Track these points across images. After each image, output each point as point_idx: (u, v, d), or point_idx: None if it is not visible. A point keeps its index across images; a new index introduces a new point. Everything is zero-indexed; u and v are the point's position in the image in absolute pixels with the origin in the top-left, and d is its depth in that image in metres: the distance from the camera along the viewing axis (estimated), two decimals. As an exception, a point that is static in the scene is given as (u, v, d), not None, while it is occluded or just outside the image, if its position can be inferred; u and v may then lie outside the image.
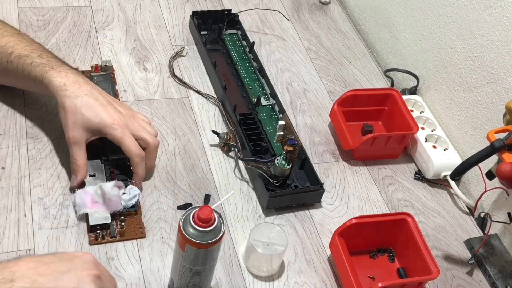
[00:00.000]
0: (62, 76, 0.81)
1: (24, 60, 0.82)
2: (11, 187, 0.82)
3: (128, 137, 0.80)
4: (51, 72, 0.81)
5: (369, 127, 1.01)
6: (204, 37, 1.11)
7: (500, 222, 0.92)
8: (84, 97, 0.80)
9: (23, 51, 0.83)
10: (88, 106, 0.79)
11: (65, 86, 0.80)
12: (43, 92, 0.86)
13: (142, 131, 0.83)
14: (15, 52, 0.83)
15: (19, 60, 0.83)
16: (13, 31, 0.88)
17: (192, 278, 0.70)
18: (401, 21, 1.18)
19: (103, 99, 0.82)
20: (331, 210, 0.91)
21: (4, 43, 0.84)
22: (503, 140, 0.74)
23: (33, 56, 0.83)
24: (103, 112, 0.80)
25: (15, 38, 0.85)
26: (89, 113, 0.79)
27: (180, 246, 0.67)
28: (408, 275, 0.84)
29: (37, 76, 0.81)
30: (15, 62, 0.83)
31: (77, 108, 0.79)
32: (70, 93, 0.80)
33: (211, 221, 0.65)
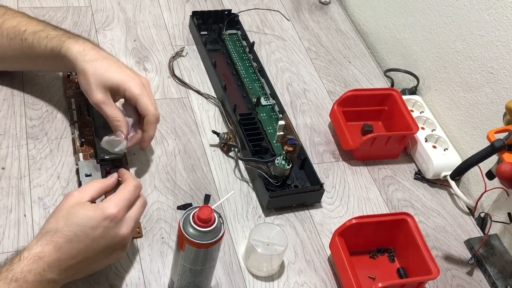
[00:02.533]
0: (80, 44, 0.82)
1: (39, 34, 0.83)
2: (11, 187, 0.82)
3: (145, 95, 0.81)
4: (69, 41, 0.82)
5: (369, 127, 1.01)
6: (204, 37, 1.11)
7: (500, 222, 0.92)
8: (103, 60, 0.81)
9: (37, 27, 0.84)
10: (108, 67, 0.80)
11: (84, 51, 0.81)
12: (59, 66, 0.87)
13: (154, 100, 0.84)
14: (29, 29, 0.84)
15: (34, 36, 0.83)
16: (22, 13, 0.89)
17: (192, 278, 0.70)
18: (401, 21, 1.18)
19: (122, 63, 0.83)
20: (331, 210, 0.91)
21: (16, 22, 0.85)
22: (503, 140, 0.74)
23: (48, 30, 0.84)
24: (123, 72, 0.81)
25: (26, 18, 0.87)
26: (109, 73, 0.80)
27: (180, 246, 0.67)
28: (408, 275, 0.84)
29: (54, 46, 0.82)
30: (29, 38, 0.83)
31: (97, 70, 0.80)
32: (90, 57, 0.80)
33: (211, 221, 0.65)
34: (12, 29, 0.85)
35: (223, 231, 0.66)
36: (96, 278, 0.74)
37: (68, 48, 0.81)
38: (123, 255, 0.73)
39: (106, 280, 0.74)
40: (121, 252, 0.71)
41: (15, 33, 0.84)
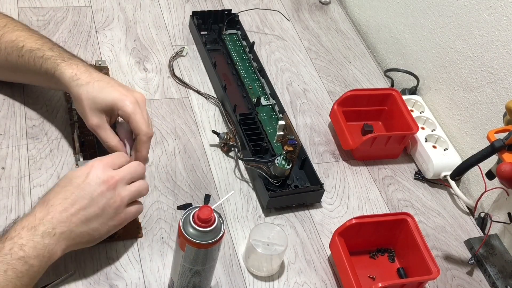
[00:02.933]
0: (73, 68, 0.81)
1: (35, 53, 0.82)
2: (11, 187, 0.82)
3: (139, 113, 0.80)
4: (62, 65, 0.81)
5: (369, 127, 1.01)
6: (204, 37, 1.11)
7: (500, 222, 0.92)
8: (95, 82, 0.80)
9: (34, 44, 0.83)
10: (100, 89, 0.79)
11: (76, 75, 0.80)
12: (54, 86, 0.86)
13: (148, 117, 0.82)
14: (26, 46, 0.83)
15: (31, 54, 0.83)
16: (23, 26, 0.88)
17: (192, 278, 0.70)
18: (401, 21, 1.18)
19: (115, 82, 0.82)
20: (331, 210, 0.91)
21: (15, 37, 0.84)
22: (503, 140, 0.74)
23: (44, 49, 0.83)
24: (115, 91, 0.80)
25: (25, 33, 0.85)
26: (101, 95, 0.79)
27: (180, 246, 0.67)
28: (408, 275, 0.84)
29: (48, 69, 0.82)
30: (26, 56, 0.83)
31: (89, 94, 0.79)
32: (82, 81, 0.80)
33: (211, 221, 0.65)
34: (10, 43, 0.84)
35: (223, 231, 0.66)
36: (96, 278, 0.74)
37: (62, 73, 0.80)
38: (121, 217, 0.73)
39: (106, 280, 0.75)
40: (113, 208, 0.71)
41: (13, 48, 0.84)
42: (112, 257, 0.77)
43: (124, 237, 0.79)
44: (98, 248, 0.77)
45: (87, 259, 0.76)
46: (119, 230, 0.79)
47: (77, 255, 0.75)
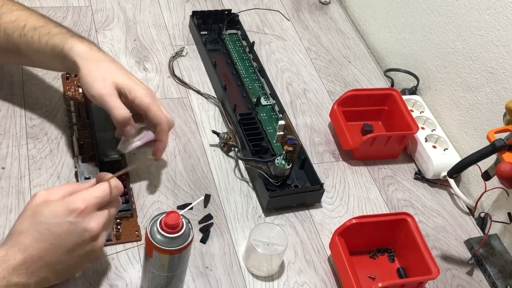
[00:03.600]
0: (85, 44, 0.77)
1: (40, 30, 0.78)
2: (11, 187, 0.82)
3: (157, 104, 0.78)
4: (73, 39, 0.77)
5: (369, 127, 1.01)
6: (204, 37, 1.11)
7: (500, 222, 0.92)
8: (112, 62, 0.77)
9: (37, 22, 0.79)
10: (116, 69, 0.77)
11: (91, 51, 0.77)
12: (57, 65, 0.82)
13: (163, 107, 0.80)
14: (29, 24, 0.79)
15: (35, 32, 0.78)
16: (21, 5, 0.84)
17: (161, 285, 0.69)
18: (401, 21, 1.18)
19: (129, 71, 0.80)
20: (331, 210, 0.91)
21: (15, 17, 0.80)
22: (504, 140, 0.74)
23: (50, 26, 0.79)
24: (132, 78, 0.77)
25: (25, 12, 0.82)
26: (119, 74, 0.76)
27: (147, 252, 0.66)
28: (408, 275, 0.84)
29: (56, 44, 0.77)
30: (29, 34, 0.79)
31: (104, 69, 0.75)
32: (98, 57, 0.76)
33: (178, 227, 0.64)
34: (10, 24, 0.80)
35: (192, 237, 0.65)
36: (96, 278, 0.74)
37: (72, 47, 0.76)
38: (100, 256, 0.69)
39: (106, 280, 0.75)
40: (93, 251, 0.66)
41: (13, 29, 0.79)
42: (112, 257, 0.77)
43: (124, 240, 0.79)
44: (98, 248, 0.77)
45: (87, 259, 0.76)
46: (117, 233, 0.79)
47: (77, 255, 0.76)
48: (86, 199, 0.63)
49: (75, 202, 0.62)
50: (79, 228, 0.62)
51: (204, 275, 0.78)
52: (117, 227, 0.79)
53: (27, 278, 0.61)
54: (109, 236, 0.78)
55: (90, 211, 0.63)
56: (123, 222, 0.80)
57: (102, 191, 0.65)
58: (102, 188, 0.65)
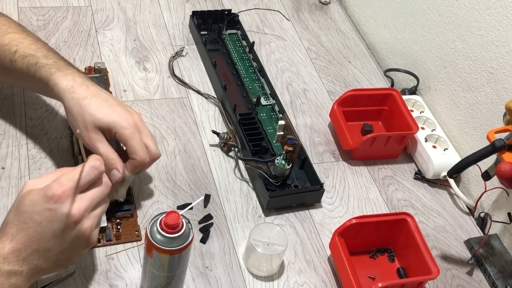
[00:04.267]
0: (69, 79, 0.77)
1: (29, 60, 0.78)
2: (11, 187, 0.82)
3: (137, 139, 0.76)
4: (57, 74, 0.77)
5: (369, 127, 1.01)
6: (204, 37, 1.11)
7: (500, 222, 0.92)
8: (92, 98, 0.76)
9: (28, 50, 0.79)
10: (97, 107, 0.75)
11: (72, 88, 0.76)
12: (47, 94, 0.83)
13: (149, 137, 0.79)
14: (20, 51, 0.79)
15: (24, 60, 0.78)
16: (17, 27, 0.83)
17: (161, 285, 0.69)
18: (401, 21, 1.18)
19: (113, 100, 0.78)
20: (331, 210, 0.91)
21: (8, 40, 0.80)
22: (504, 140, 0.74)
23: (38, 56, 0.78)
24: (113, 112, 0.76)
25: (19, 36, 0.81)
26: (99, 113, 0.75)
27: (147, 252, 0.66)
28: (408, 275, 0.84)
29: (42, 77, 0.77)
30: (19, 61, 0.79)
31: (85, 110, 0.75)
32: (78, 95, 0.76)
33: (178, 227, 0.64)
34: (3, 47, 0.79)
35: (192, 237, 0.65)
36: (96, 278, 0.74)
37: (56, 84, 0.76)
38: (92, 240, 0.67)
39: (106, 280, 0.75)
40: (83, 236, 0.64)
41: (5, 52, 0.79)
42: (112, 257, 0.77)
43: (124, 240, 0.79)
44: (98, 248, 0.77)
45: (87, 259, 0.76)
46: (117, 233, 0.79)
47: (77, 255, 0.76)
48: (63, 184, 0.62)
49: (52, 189, 0.62)
50: (58, 214, 0.62)
51: (204, 275, 0.78)
52: (117, 227, 0.80)
53: (19, 265, 0.61)
54: (109, 236, 0.78)
55: (68, 195, 0.62)
56: (123, 222, 0.80)
57: (78, 172, 0.63)
58: (78, 171, 0.63)
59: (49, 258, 0.64)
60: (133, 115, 0.78)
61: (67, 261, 0.67)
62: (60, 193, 0.62)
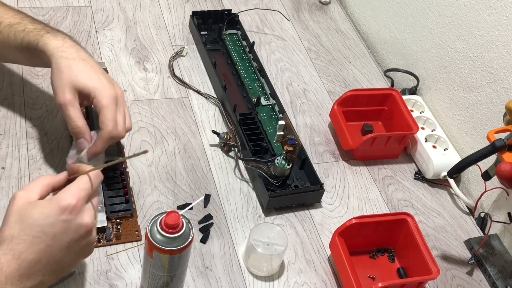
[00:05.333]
0: (59, 40, 0.76)
1: (15, 27, 0.77)
2: (11, 187, 0.82)
3: (112, 110, 0.75)
4: (47, 35, 0.76)
5: (369, 127, 1.01)
6: (204, 37, 1.11)
7: (500, 222, 0.92)
8: (80, 61, 0.76)
9: (13, 19, 0.79)
10: (83, 70, 0.75)
11: (63, 47, 0.75)
12: (34, 61, 0.82)
13: (122, 115, 0.77)
14: (5, 22, 0.78)
15: (10, 29, 0.78)
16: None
17: (161, 285, 0.69)
18: (401, 21, 1.18)
19: (99, 68, 0.78)
20: (331, 210, 0.91)
21: None
22: (504, 140, 0.74)
23: (25, 23, 0.78)
24: (97, 79, 0.75)
25: (1, 9, 0.81)
26: (83, 77, 0.74)
27: (148, 252, 0.66)
28: (408, 275, 0.84)
29: (31, 41, 0.76)
30: (5, 31, 0.78)
31: (71, 70, 0.74)
32: (68, 54, 0.75)
33: (178, 227, 0.64)
34: None
35: (192, 237, 0.65)
36: (96, 278, 0.74)
37: (46, 43, 0.75)
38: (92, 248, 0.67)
39: (106, 280, 0.75)
40: (89, 245, 0.64)
41: None
42: (112, 257, 0.77)
43: (124, 240, 0.79)
44: (98, 248, 0.77)
45: (87, 259, 0.76)
46: (117, 233, 0.79)
47: (77, 255, 0.76)
48: (75, 194, 0.61)
49: (66, 199, 0.60)
50: (74, 225, 0.61)
51: (204, 275, 0.78)
52: (117, 227, 0.80)
53: (22, 285, 0.59)
54: (109, 236, 0.78)
55: (82, 205, 0.62)
56: (123, 222, 0.80)
57: (86, 183, 0.63)
58: (85, 180, 0.63)
59: (53, 271, 0.62)
60: (115, 88, 0.77)
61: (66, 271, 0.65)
62: (75, 202, 0.60)
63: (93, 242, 0.65)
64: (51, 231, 0.59)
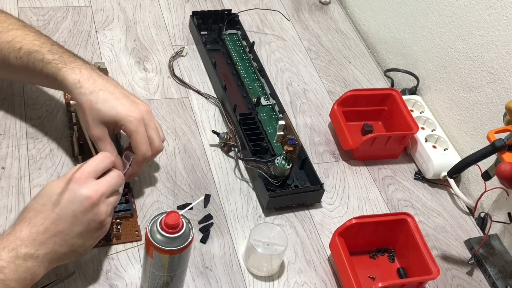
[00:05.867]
0: (76, 73, 0.77)
1: (34, 56, 0.78)
2: (11, 187, 0.82)
3: (141, 132, 0.77)
4: (64, 70, 0.77)
5: (369, 127, 1.01)
6: (204, 37, 1.11)
7: (500, 222, 0.92)
8: (99, 92, 0.76)
9: (32, 46, 0.79)
10: (104, 101, 0.76)
11: (80, 83, 0.77)
12: (58, 88, 0.83)
13: (154, 130, 0.79)
14: (24, 48, 0.79)
15: (29, 56, 0.79)
16: (18, 23, 0.83)
17: (161, 285, 0.69)
18: (401, 21, 1.18)
19: (119, 92, 0.78)
20: (331, 210, 0.91)
21: (11, 37, 0.80)
22: (504, 140, 0.74)
23: (43, 52, 0.79)
24: (119, 105, 0.77)
25: (21, 32, 0.81)
26: (105, 107, 0.76)
27: (147, 252, 0.66)
28: (408, 275, 0.84)
29: (49, 73, 0.78)
30: (25, 58, 0.79)
31: (92, 104, 0.76)
32: (85, 89, 0.76)
33: (178, 227, 0.64)
34: (7, 45, 0.80)
35: (192, 237, 0.65)
36: (96, 278, 0.74)
37: (64, 79, 0.77)
38: (105, 227, 0.70)
39: (106, 280, 0.75)
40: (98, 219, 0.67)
41: (9, 50, 0.80)
42: (112, 257, 0.77)
43: (124, 240, 0.79)
44: (98, 248, 0.77)
45: (87, 259, 0.76)
46: (117, 233, 0.79)
47: (77, 255, 0.76)
48: (80, 168, 0.68)
49: (71, 172, 0.67)
50: (78, 194, 0.65)
51: (204, 275, 0.78)
52: (117, 227, 0.80)
53: (35, 249, 0.63)
54: (109, 236, 0.78)
55: (87, 178, 0.67)
56: (123, 222, 0.80)
57: (92, 160, 0.70)
58: (92, 158, 0.70)
59: (66, 241, 0.66)
60: (139, 107, 0.78)
61: (82, 247, 0.68)
62: (79, 175, 0.67)
63: (101, 217, 0.68)
64: (57, 199, 0.65)
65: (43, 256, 0.64)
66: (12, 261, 0.61)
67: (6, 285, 0.60)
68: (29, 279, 0.63)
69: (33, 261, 0.63)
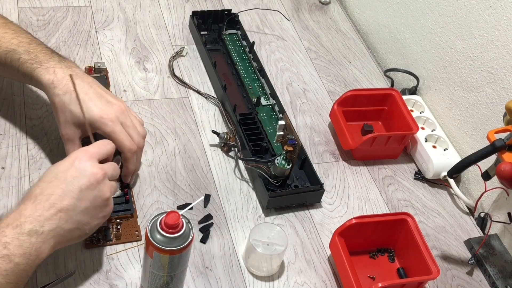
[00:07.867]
0: (50, 73, 0.77)
1: (11, 55, 0.79)
2: (11, 187, 0.82)
3: (119, 131, 0.77)
4: (38, 70, 0.77)
5: (369, 127, 1.01)
6: (204, 37, 1.11)
7: (500, 222, 0.92)
8: (72, 93, 0.76)
9: (10, 45, 0.79)
10: (76, 103, 0.76)
11: (53, 83, 0.76)
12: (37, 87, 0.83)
13: (131, 128, 0.79)
14: (2, 46, 0.79)
15: (7, 55, 0.79)
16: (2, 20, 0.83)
17: (161, 285, 0.69)
18: (401, 21, 1.18)
19: (93, 92, 0.78)
20: (331, 210, 0.91)
21: None
22: (504, 140, 0.74)
23: (20, 51, 0.79)
24: (93, 106, 0.76)
25: (1, 30, 0.81)
26: (78, 109, 0.76)
27: (147, 252, 0.66)
28: (408, 275, 0.84)
29: (26, 72, 0.78)
30: (2, 56, 0.79)
31: (65, 105, 0.76)
32: (59, 90, 0.76)
33: (178, 227, 0.64)
34: None
35: (192, 236, 0.65)
36: (96, 278, 0.74)
37: (38, 79, 0.77)
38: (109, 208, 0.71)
39: (106, 280, 0.75)
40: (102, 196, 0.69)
41: None
42: (112, 257, 0.77)
43: (124, 240, 0.79)
44: (98, 248, 0.77)
45: (87, 259, 0.76)
46: (117, 233, 0.79)
47: (77, 255, 0.76)
48: (84, 148, 0.71)
49: (74, 153, 0.70)
50: (83, 170, 0.67)
51: (204, 275, 0.78)
52: (117, 227, 0.80)
53: (40, 225, 0.63)
54: (109, 236, 0.78)
55: (91, 157, 0.69)
56: (123, 222, 0.80)
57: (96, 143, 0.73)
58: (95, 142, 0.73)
59: (71, 217, 0.66)
60: (113, 107, 0.78)
61: (88, 225, 0.69)
62: (84, 154, 0.69)
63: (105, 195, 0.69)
64: (62, 176, 0.67)
65: (48, 233, 0.64)
66: (16, 237, 0.61)
67: (11, 260, 0.60)
68: (34, 255, 0.62)
69: (38, 237, 0.62)
